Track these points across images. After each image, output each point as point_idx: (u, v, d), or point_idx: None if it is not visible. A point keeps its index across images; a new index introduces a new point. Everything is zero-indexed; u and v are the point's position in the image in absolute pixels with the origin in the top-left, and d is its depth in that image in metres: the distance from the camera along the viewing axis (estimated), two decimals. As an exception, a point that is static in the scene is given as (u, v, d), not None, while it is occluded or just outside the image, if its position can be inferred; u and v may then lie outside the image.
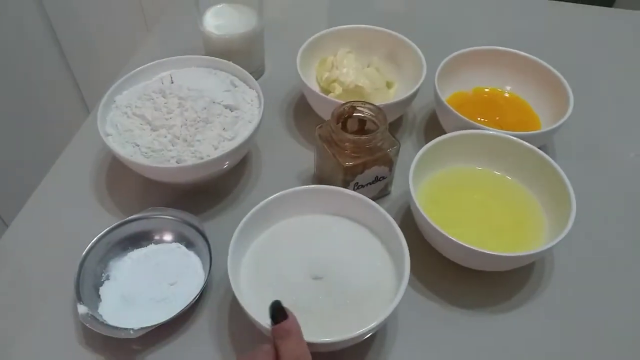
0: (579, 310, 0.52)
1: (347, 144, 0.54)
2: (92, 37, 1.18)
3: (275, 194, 0.51)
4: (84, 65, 1.19)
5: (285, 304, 0.41)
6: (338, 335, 0.42)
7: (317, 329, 0.43)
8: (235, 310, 0.51)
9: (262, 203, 0.50)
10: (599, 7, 0.92)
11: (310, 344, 0.40)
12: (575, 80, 0.64)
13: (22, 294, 0.53)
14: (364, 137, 0.53)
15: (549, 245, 0.47)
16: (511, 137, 0.57)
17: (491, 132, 0.57)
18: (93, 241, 0.52)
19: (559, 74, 0.65)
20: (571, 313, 0.52)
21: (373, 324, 0.42)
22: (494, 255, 0.47)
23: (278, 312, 0.40)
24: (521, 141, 0.57)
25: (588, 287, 0.54)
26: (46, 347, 0.49)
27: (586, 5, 0.91)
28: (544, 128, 0.63)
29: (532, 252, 0.47)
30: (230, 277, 0.45)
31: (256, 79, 0.62)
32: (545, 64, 0.66)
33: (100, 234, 0.53)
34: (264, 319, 0.42)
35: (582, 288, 0.54)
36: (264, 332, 0.43)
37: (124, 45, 0.84)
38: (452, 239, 0.47)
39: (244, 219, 0.49)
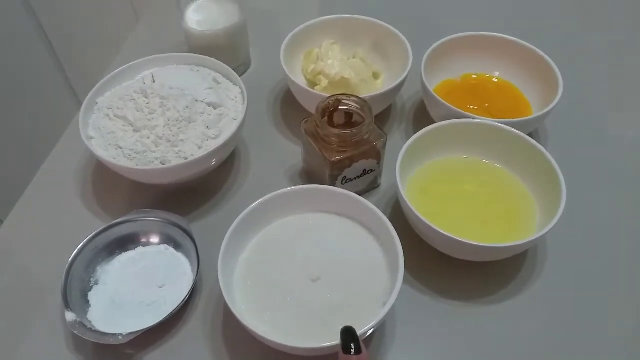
0: (572, 299, 0.51)
1: (332, 138, 0.53)
2: (83, 34, 1.16)
3: (263, 193, 0.50)
4: (76, 65, 1.18)
5: (286, 307, 0.40)
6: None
7: (320, 331, 0.43)
8: (228, 311, 0.50)
9: (248, 209, 0.49)
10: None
11: (315, 349, 0.40)
12: (565, 62, 0.63)
13: (11, 302, 0.52)
14: (349, 131, 0.52)
15: (537, 235, 0.47)
16: (499, 124, 0.56)
17: (479, 120, 0.56)
18: (79, 247, 0.51)
19: (546, 56, 0.63)
20: (565, 301, 0.51)
21: (372, 323, 0.42)
22: (484, 246, 0.46)
23: (352, 342, 0.37)
24: (509, 128, 0.56)
25: (582, 275, 0.53)
26: (36, 356, 0.48)
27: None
28: (535, 113, 0.62)
29: (520, 242, 0.46)
30: (223, 288, 0.44)
31: (242, 73, 0.60)
32: (531, 46, 0.65)
33: (87, 239, 0.52)
34: (259, 328, 0.42)
35: (575, 276, 0.53)
36: (258, 338, 0.43)
37: (116, 43, 0.83)
38: (440, 231, 0.47)
39: (232, 227, 0.48)
